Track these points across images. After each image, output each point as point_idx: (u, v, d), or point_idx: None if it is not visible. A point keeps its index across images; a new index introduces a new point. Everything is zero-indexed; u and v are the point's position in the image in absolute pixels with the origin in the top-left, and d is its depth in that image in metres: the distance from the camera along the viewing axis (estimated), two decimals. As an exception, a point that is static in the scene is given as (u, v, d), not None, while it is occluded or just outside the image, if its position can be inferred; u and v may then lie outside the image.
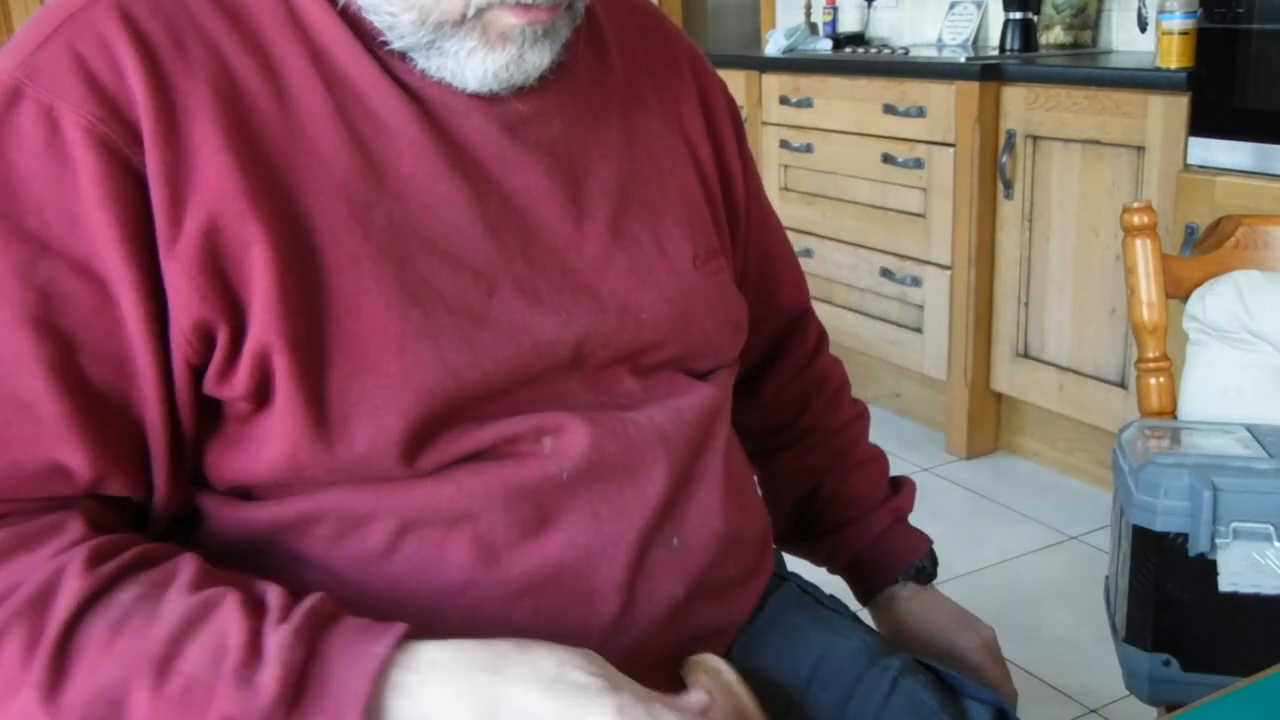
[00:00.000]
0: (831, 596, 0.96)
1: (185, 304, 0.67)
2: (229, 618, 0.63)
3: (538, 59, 0.74)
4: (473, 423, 0.73)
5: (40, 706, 0.61)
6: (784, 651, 0.87)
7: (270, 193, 0.69)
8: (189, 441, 0.72)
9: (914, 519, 1.06)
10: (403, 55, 0.74)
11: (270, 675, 0.61)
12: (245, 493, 0.74)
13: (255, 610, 0.64)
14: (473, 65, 0.72)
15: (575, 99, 0.81)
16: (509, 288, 0.74)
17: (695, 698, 0.71)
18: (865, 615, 0.97)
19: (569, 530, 0.75)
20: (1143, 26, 2.69)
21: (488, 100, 0.76)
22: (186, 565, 0.67)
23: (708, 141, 0.91)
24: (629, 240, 0.81)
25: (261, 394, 0.70)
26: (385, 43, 0.73)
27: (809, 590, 0.96)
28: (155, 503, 0.72)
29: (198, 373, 0.70)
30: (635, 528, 0.77)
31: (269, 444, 0.70)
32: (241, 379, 0.69)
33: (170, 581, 0.66)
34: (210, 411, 0.72)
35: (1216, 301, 1.22)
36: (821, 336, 1.10)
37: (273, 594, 0.66)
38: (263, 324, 0.68)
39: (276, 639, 0.63)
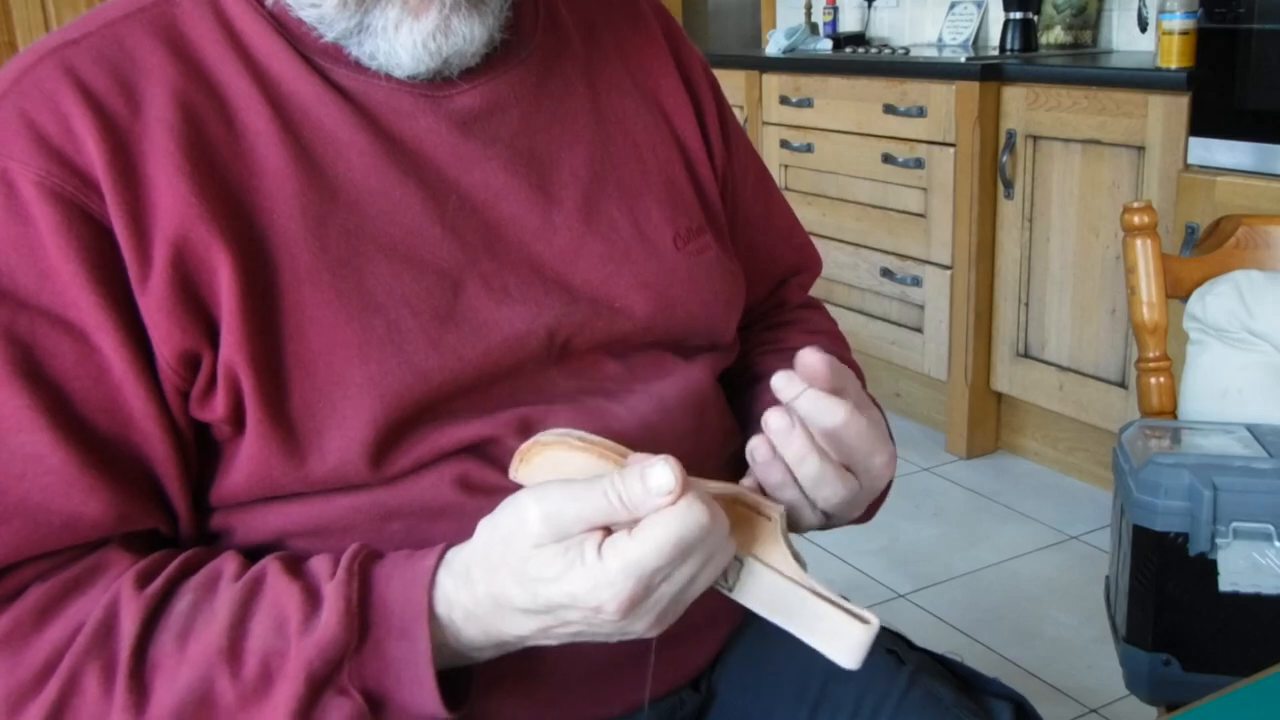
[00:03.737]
0: (841, 595, 0.96)
1: (166, 337, 0.68)
2: (278, 587, 0.66)
3: (466, 29, 0.73)
4: (449, 419, 0.73)
5: None
6: (800, 647, 0.87)
7: (230, 215, 0.69)
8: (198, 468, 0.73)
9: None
10: (343, 60, 0.74)
11: (332, 611, 0.64)
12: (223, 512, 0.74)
13: (300, 571, 0.67)
14: (402, 38, 0.72)
15: (533, 88, 0.80)
16: (475, 285, 0.74)
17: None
18: (880, 617, 0.96)
19: None
20: (1143, 26, 2.69)
21: (435, 97, 0.76)
22: (228, 561, 0.69)
23: (691, 113, 0.89)
24: (604, 225, 0.80)
25: (238, 417, 0.71)
26: (320, 38, 0.73)
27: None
28: (181, 530, 0.73)
29: (187, 397, 0.71)
30: None
31: (242, 464, 0.71)
32: (219, 401, 0.70)
33: (218, 580, 0.68)
34: (205, 438, 0.72)
35: (1217, 301, 1.22)
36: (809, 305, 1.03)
37: (314, 557, 0.69)
38: (229, 346, 0.69)
39: (329, 584, 0.66)
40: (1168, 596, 1.06)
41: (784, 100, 3.21)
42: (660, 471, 0.58)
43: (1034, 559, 2.42)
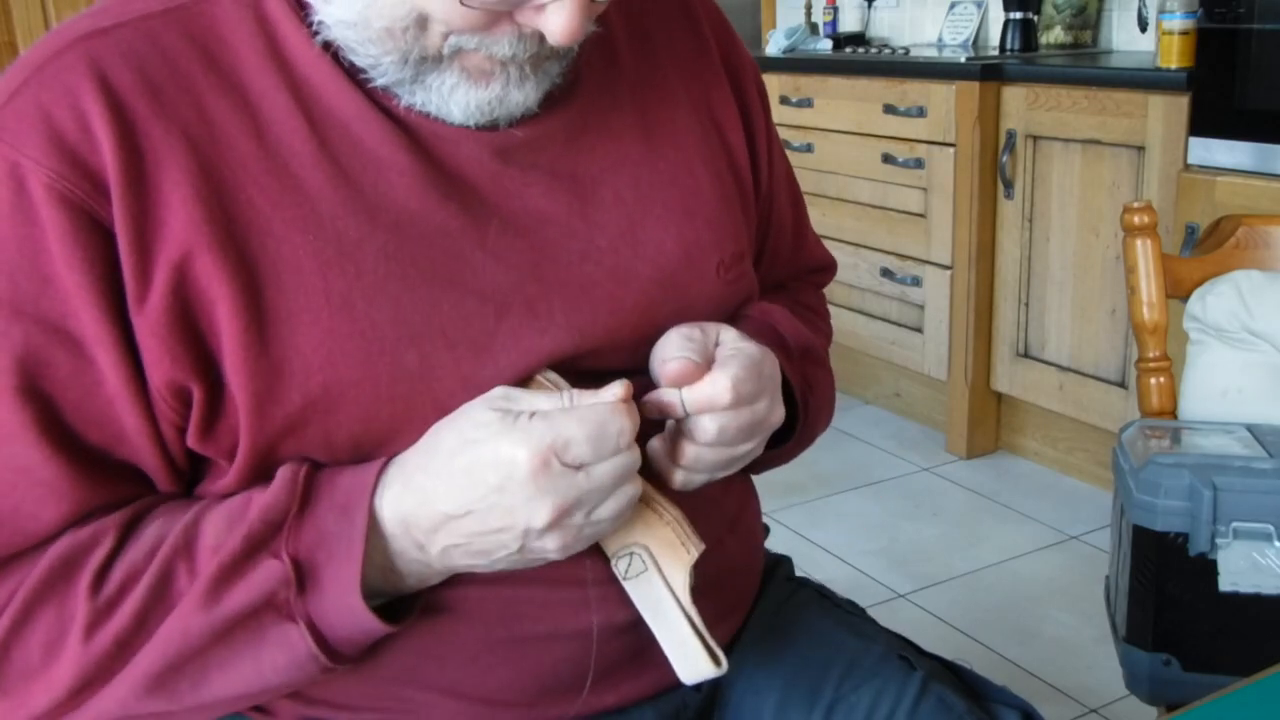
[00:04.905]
0: (849, 600, 0.96)
1: (157, 363, 0.66)
2: (240, 496, 0.69)
3: (522, 97, 0.72)
4: None
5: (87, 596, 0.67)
6: (813, 652, 0.87)
7: (243, 245, 0.67)
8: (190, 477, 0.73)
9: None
10: (386, 89, 0.72)
11: (278, 481, 0.68)
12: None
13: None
14: (457, 98, 0.70)
15: (579, 113, 0.78)
16: (520, 310, 0.72)
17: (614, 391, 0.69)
18: (880, 617, 0.96)
19: None
20: (1143, 26, 2.69)
21: (478, 128, 0.73)
22: (207, 499, 0.71)
23: (740, 126, 0.86)
24: (651, 249, 0.78)
25: (235, 454, 0.70)
26: (369, 82, 0.71)
27: (827, 594, 0.96)
28: None
29: (181, 431, 0.69)
30: None
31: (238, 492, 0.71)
32: (224, 439, 0.69)
33: (192, 506, 0.70)
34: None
35: (1217, 301, 1.22)
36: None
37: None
38: (234, 384, 0.67)
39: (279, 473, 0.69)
40: (1168, 596, 1.06)
41: (784, 100, 3.21)
42: (614, 385, 0.67)
43: (1034, 559, 2.42)
